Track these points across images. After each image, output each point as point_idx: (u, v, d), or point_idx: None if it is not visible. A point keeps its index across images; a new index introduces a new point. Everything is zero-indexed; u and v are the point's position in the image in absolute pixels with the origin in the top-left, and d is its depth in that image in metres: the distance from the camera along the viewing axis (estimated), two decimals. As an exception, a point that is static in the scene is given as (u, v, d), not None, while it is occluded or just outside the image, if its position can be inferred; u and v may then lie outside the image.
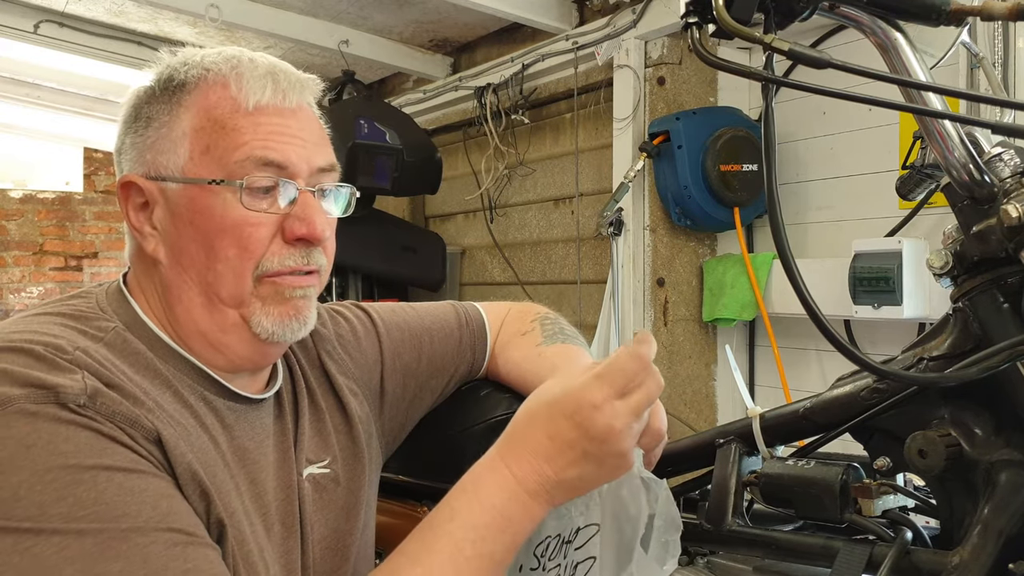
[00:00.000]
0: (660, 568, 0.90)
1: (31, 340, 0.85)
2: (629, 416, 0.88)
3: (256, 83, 0.96)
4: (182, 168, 0.96)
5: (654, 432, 0.99)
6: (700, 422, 3.24)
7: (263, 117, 0.96)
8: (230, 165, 0.94)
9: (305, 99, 1.01)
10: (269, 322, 0.97)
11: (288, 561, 1.00)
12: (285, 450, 1.04)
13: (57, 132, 6.33)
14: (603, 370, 0.89)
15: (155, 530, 0.79)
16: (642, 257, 3.26)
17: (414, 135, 3.87)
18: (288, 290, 0.97)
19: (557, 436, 0.88)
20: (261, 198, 0.95)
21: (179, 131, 0.96)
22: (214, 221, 0.94)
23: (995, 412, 1.00)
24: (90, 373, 0.84)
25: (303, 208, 0.97)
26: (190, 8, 3.69)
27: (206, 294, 0.96)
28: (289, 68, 1.01)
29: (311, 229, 0.96)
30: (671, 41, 3.23)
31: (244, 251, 0.95)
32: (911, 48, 0.96)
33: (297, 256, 0.97)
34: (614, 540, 0.93)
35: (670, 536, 0.91)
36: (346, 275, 3.98)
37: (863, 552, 1.00)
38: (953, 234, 1.03)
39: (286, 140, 0.97)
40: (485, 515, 0.88)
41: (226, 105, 0.96)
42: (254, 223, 0.95)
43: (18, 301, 6.90)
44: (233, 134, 0.95)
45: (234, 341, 0.97)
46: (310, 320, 1.01)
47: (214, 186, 0.94)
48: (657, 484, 0.92)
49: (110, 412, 0.82)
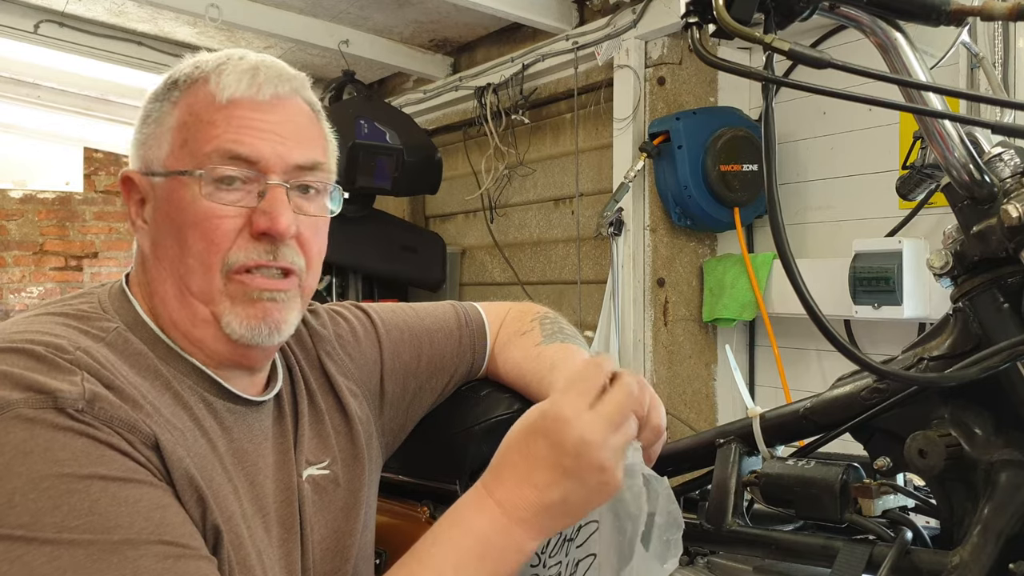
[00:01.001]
0: (661, 566, 0.90)
1: (32, 340, 0.85)
2: (602, 426, 0.86)
3: (233, 77, 0.97)
4: (164, 162, 0.97)
5: (653, 428, 0.99)
6: (700, 422, 3.24)
7: (237, 111, 0.96)
8: (200, 157, 0.95)
9: (285, 94, 0.99)
10: (237, 323, 0.96)
11: (288, 562, 1.00)
12: (284, 452, 1.04)
13: (57, 132, 6.33)
14: (566, 384, 0.89)
15: (147, 542, 0.78)
16: (642, 257, 3.26)
17: (414, 135, 3.87)
18: (256, 291, 0.96)
19: (532, 455, 0.87)
20: (227, 191, 0.95)
21: (166, 127, 0.98)
22: (184, 213, 0.95)
23: (995, 412, 1.00)
24: (90, 374, 0.84)
25: (269, 202, 0.96)
26: (190, 8, 3.68)
27: (178, 287, 0.96)
28: (276, 64, 1.01)
29: (273, 223, 0.95)
30: (671, 41, 3.23)
31: (210, 244, 0.94)
32: (911, 48, 0.96)
33: (260, 251, 0.96)
34: (614, 537, 0.93)
35: (671, 535, 0.91)
36: (346, 275, 3.98)
37: (863, 552, 1.00)
38: (953, 234, 1.03)
39: (258, 134, 0.96)
40: (466, 540, 0.88)
41: (205, 100, 0.96)
42: (220, 215, 0.94)
43: (18, 301, 6.90)
44: (207, 127, 0.95)
45: (207, 337, 0.97)
46: (283, 325, 0.98)
47: (184, 177, 0.95)
48: (658, 482, 0.92)
49: (108, 417, 0.82)
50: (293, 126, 0.99)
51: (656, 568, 0.90)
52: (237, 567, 0.89)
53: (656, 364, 3.22)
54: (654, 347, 3.24)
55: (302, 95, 1.02)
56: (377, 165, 3.61)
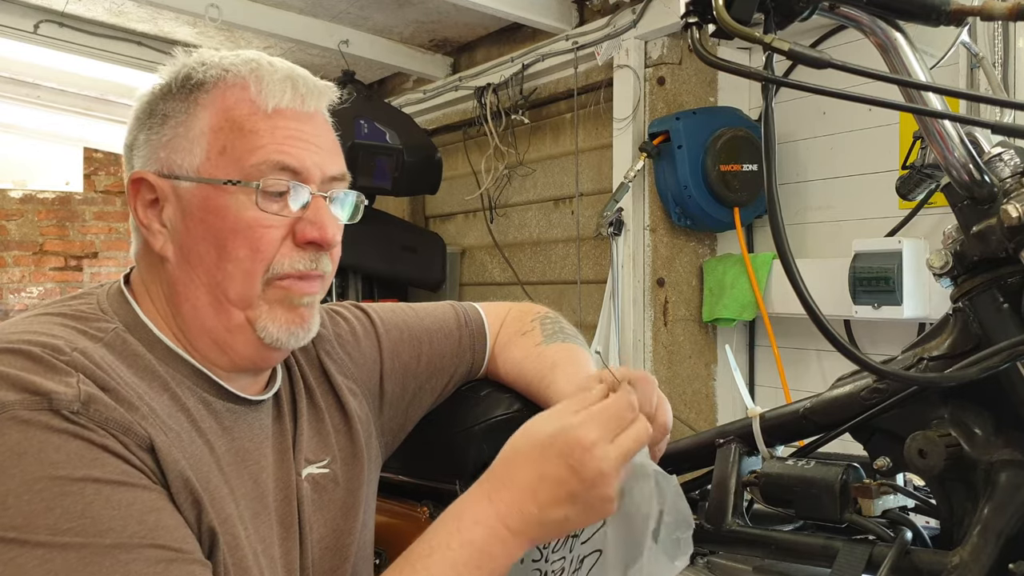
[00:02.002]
0: (672, 563, 0.90)
1: (29, 341, 0.85)
2: (618, 460, 0.87)
3: (276, 86, 0.97)
4: (197, 167, 0.96)
5: (660, 426, 1.00)
6: (700, 422, 3.24)
7: (281, 121, 0.96)
8: (246, 167, 0.95)
9: (321, 106, 1.01)
10: (275, 328, 0.97)
11: (288, 561, 1.00)
12: (284, 451, 1.04)
13: (57, 132, 6.32)
14: (598, 411, 0.88)
15: (139, 546, 0.79)
16: (642, 257, 3.26)
17: (414, 135, 3.87)
18: (297, 297, 0.98)
19: (542, 470, 0.87)
20: (274, 201, 0.96)
21: (196, 130, 0.96)
22: (228, 221, 0.95)
23: (995, 412, 1.00)
24: (86, 376, 0.84)
25: (316, 212, 0.98)
26: (190, 8, 3.68)
27: (213, 293, 0.96)
28: (307, 74, 1.02)
29: (323, 233, 0.97)
30: (671, 41, 3.23)
31: (256, 252, 0.95)
32: (911, 48, 0.96)
33: (307, 260, 0.98)
34: (621, 534, 0.93)
35: (681, 533, 0.91)
36: (346, 275, 3.98)
37: (863, 552, 1.00)
38: (953, 234, 1.03)
39: (302, 145, 0.97)
40: (463, 551, 0.87)
41: (245, 107, 0.96)
42: (266, 225, 0.95)
43: (18, 301, 6.90)
44: (251, 136, 0.95)
45: (239, 342, 0.97)
46: (314, 327, 1.02)
47: (229, 187, 0.94)
48: (666, 479, 0.92)
49: (103, 419, 0.82)
50: (325, 137, 1.01)
51: (666, 565, 0.89)
52: (233, 569, 0.89)
53: (656, 364, 3.22)
54: (654, 347, 3.24)
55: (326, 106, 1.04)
56: (377, 165, 3.61)
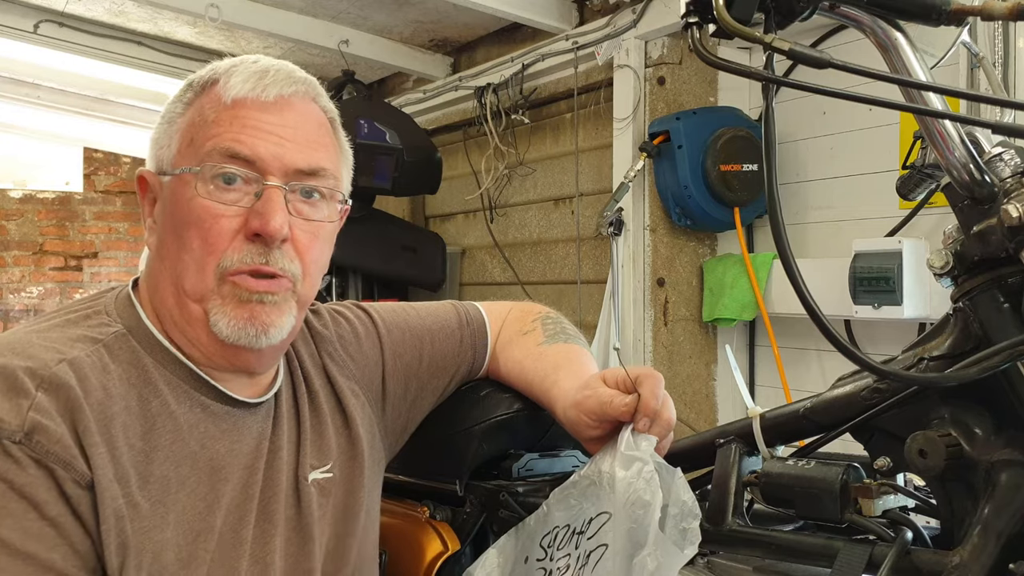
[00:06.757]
0: (681, 552, 0.90)
1: (17, 354, 0.85)
2: None
3: (241, 78, 0.97)
4: (172, 160, 0.97)
5: (665, 422, 1.01)
6: (700, 422, 3.24)
7: (242, 111, 0.96)
8: (201, 155, 0.95)
9: (292, 95, 0.99)
10: (225, 323, 0.95)
11: (290, 564, 1.00)
12: (281, 454, 1.03)
13: (57, 132, 6.32)
14: None
15: None
16: (642, 257, 3.26)
17: (414, 135, 3.87)
18: (245, 292, 0.95)
19: None
20: (226, 190, 0.94)
21: (176, 127, 0.98)
22: (184, 211, 0.95)
23: (995, 412, 1.00)
24: (57, 395, 0.83)
25: (264, 203, 0.95)
26: (190, 8, 3.68)
27: (175, 284, 0.96)
28: (287, 67, 1.01)
29: (264, 224, 0.94)
30: (671, 41, 3.23)
31: (206, 243, 0.94)
32: (911, 48, 0.95)
33: (255, 253, 0.95)
34: (626, 526, 0.93)
35: (688, 523, 0.91)
36: (346, 275, 3.98)
37: (863, 552, 1.00)
38: (953, 234, 1.03)
39: (259, 135, 0.95)
40: None
41: (213, 100, 0.97)
42: (215, 214, 0.94)
43: (18, 301, 6.89)
44: (212, 126, 0.96)
45: (200, 336, 0.96)
46: (272, 329, 0.96)
47: (185, 175, 0.95)
48: (670, 472, 0.92)
49: (44, 451, 0.81)
50: (297, 129, 0.98)
51: (675, 554, 0.90)
52: None
53: (656, 364, 3.22)
54: (654, 347, 3.24)
55: (318, 102, 1.02)
56: (377, 165, 3.61)
